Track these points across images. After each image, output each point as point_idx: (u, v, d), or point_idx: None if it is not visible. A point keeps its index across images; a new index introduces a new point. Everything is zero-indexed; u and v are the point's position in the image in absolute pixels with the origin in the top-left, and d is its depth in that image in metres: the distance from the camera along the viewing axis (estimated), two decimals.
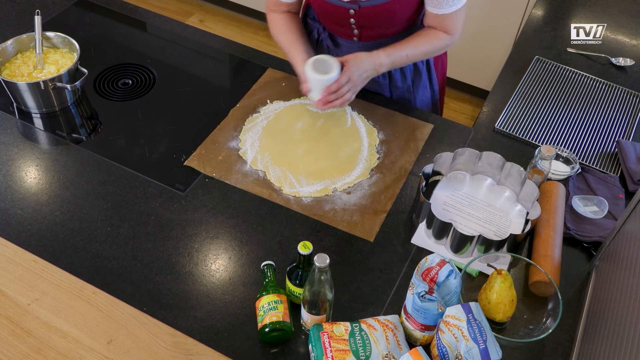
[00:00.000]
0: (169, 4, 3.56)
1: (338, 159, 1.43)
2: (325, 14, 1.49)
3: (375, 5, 1.38)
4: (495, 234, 1.29)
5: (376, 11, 1.39)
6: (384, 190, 1.37)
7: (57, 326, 1.13)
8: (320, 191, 1.36)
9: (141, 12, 1.86)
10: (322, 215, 1.31)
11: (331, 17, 1.48)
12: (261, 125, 1.51)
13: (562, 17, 1.97)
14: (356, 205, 1.34)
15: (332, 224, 1.30)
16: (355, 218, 1.32)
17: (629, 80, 1.73)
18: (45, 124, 1.50)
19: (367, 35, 1.50)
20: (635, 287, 0.94)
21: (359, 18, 1.42)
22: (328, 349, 1.03)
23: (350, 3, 1.39)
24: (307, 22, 1.64)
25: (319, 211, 1.32)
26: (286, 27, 1.52)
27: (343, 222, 1.31)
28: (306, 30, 1.64)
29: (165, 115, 1.54)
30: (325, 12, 1.47)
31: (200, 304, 1.16)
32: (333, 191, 1.36)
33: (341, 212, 1.32)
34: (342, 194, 1.36)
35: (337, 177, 1.39)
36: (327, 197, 1.35)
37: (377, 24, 1.45)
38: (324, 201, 1.34)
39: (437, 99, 1.70)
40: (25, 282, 1.19)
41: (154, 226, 1.28)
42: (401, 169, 1.42)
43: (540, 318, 1.15)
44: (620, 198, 1.38)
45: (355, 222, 1.31)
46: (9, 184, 1.35)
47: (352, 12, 1.41)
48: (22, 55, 1.57)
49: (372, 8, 1.39)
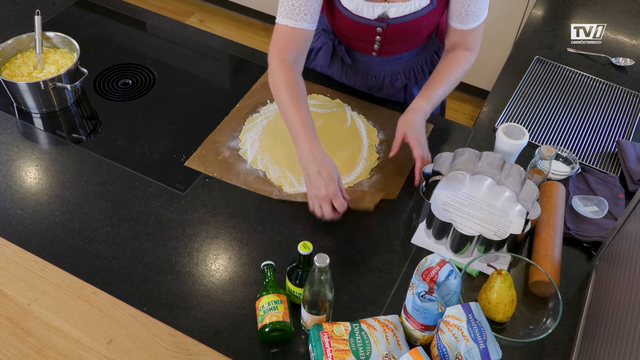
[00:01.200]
0: (169, 4, 3.56)
1: (338, 158, 1.43)
2: (349, 31, 1.43)
3: (403, 23, 1.36)
4: (495, 234, 1.29)
5: (404, 28, 1.37)
6: (383, 190, 1.37)
7: (57, 326, 1.13)
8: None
9: (141, 12, 1.86)
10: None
11: (355, 34, 1.44)
12: (261, 125, 1.51)
13: (562, 17, 1.97)
14: (359, 185, 1.37)
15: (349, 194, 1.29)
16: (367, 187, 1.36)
17: (629, 80, 1.73)
18: (45, 124, 1.50)
19: (387, 51, 1.48)
20: (635, 287, 0.94)
21: (385, 35, 1.41)
22: (328, 349, 1.03)
23: (378, 21, 1.36)
24: (319, 33, 1.58)
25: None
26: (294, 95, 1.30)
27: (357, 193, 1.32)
28: (317, 41, 1.57)
29: (165, 115, 1.54)
30: (349, 28, 1.42)
31: (200, 304, 1.16)
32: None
33: (350, 192, 1.34)
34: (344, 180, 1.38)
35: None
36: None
37: (401, 40, 1.44)
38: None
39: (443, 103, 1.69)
40: (25, 282, 1.19)
41: (154, 226, 1.28)
42: (401, 169, 1.42)
43: (540, 318, 1.15)
44: (620, 198, 1.38)
45: (363, 194, 1.32)
46: (9, 184, 1.35)
47: (380, 30, 1.39)
48: (22, 55, 1.57)
49: (401, 25, 1.37)
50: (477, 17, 1.36)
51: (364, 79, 1.57)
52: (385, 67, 1.53)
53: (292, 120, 1.27)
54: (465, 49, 1.42)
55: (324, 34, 1.57)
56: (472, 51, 1.43)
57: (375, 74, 1.55)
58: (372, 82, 1.57)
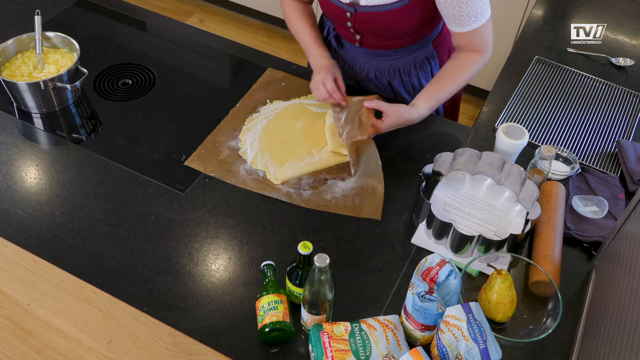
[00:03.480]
0: (169, 4, 3.56)
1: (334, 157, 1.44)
2: (326, 12, 1.49)
3: (371, 13, 1.36)
4: (495, 234, 1.29)
5: (372, 18, 1.37)
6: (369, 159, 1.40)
7: (57, 326, 1.13)
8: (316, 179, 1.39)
9: (141, 12, 1.86)
10: (326, 205, 1.33)
11: (331, 16, 1.48)
12: (261, 125, 1.51)
13: (562, 17, 1.97)
14: (354, 189, 1.37)
15: (338, 212, 1.32)
16: (358, 202, 1.34)
17: (629, 80, 1.73)
18: (45, 124, 1.50)
19: (368, 43, 1.49)
20: (635, 287, 0.94)
21: (355, 22, 1.41)
22: (328, 349, 1.03)
23: (348, 5, 1.38)
24: (322, 17, 1.64)
25: (322, 202, 1.34)
26: (302, 19, 1.53)
27: (347, 207, 1.33)
28: (320, 26, 1.64)
29: (165, 115, 1.54)
30: (326, 9, 1.47)
31: (200, 304, 1.16)
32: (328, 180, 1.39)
33: (342, 199, 1.35)
34: (337, 181, 1.38)
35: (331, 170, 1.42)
36: (325, 187, 1.37)
37: (374, 32, 1.43)
38: (323, 192, 1.36)
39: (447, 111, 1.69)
40: (25, 282, 1.19)
41: (154, 226, 1.28)
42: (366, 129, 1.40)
43: (540, 318, 1.15)
44: (620, 198, 1.38)
45: (359, 206, 1.33)
46: (9, 184, 1.35)
47: (349, 14, 1.40)
48: (22, 55, 1.57)
49: (368, 15, 1.37)
50: (475, 18, 1.31)
51: (351, 69, 1.60)
52: (369, 60, 1.54)
53: (302, 35, 1.52)
54: (473, 51, 1.39)
55: (325, 19, 1.62)
56: (480, 53, 1.39)
57: (360, 66, 1.57)
58: (358, 73, 1.58)
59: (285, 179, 1.38)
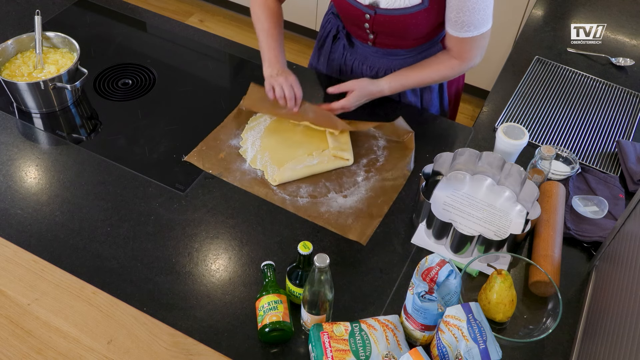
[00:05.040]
0: (169, 4, 3.56)
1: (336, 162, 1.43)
2: (343, 12, 1.49)
3: (391, 16, 1.37)
4: (495, 234, 1.29)
5: (391, 21, 1.38)
6: (381, 194, 1.37)
7: (57, 326, 1.13)
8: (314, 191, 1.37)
9: (141, 12, 1.86)
10: (317, 217, 1.31)
11: (348, 16, 1.48)
12: (264, 124, 1.51)
13: (562, 17, 1.97)
14: (352, 208, 1.33)
15: (326, 226, 1.29)
16: (350, 221, 1.31)
17: (629, 80, 1.73)
18: (45, 124, 1.50)
19: (381, 42, 1.49)
20: (635, 287, 0.94)
21: (373, 23, 1.41)
22: (328, 349, 1.03)
23: (368, 7, 1.38)
24: (329, 16, 1.65)
25: (313, 213, 1.32)
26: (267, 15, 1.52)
27: (337, 224, 1.30)
28: (326, 24, 1.65)
29: (165, 115, 1.54)
30: (343, 10, 1.46)
31: (200, 304, 1.16)
32: (329, 194, 1.36)
33: (336, 214, 1.32)
34: (339, 197, 1.36)
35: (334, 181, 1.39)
36: (324, 200, 1.35)
37: (391, 33, 1.44)
38: (319, 203, 1.34)
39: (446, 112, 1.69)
40: (25, 282, 1.19)
41: (154, 226, 1.28)
42: (399, 174, 1.41)
43: (540, 318, 1.15)
44: (620, 198, 1.38)
45: (349, 226, 1.30)
46: (9, 184, 1.35)
47: (368, 16, 1.40)
48: (22, 55, 1.56)
49: (388, 17, 1.37)
50: (472, 28, 1.33)
51: (360, 67, 1.59)
52: (380, 59, 1.54)
53: (261, 34, 1.51)
54: (455, 57, 1.41)
55: (333, 17, 1.62)
56: (460, 61, 1.41)
57: (370, 65, 1.57)
58: (367, 72, 1.58)
59: (283, 181, 1.37)
